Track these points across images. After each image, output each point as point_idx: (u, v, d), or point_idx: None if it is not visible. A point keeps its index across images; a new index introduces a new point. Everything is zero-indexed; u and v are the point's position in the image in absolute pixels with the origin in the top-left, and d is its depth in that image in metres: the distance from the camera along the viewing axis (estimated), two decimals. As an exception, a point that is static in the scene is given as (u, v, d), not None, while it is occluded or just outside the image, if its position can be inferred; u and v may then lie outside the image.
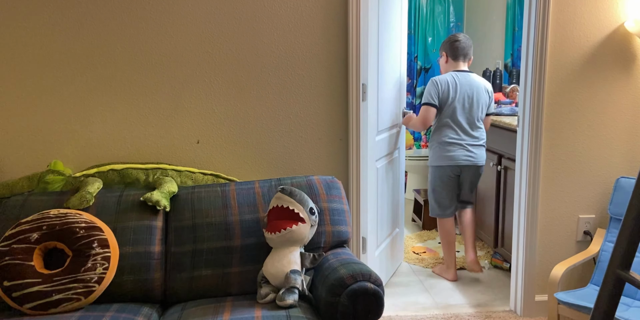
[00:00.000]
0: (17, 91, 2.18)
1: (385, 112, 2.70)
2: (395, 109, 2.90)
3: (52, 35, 2.17)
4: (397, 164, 2.95)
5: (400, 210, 3.05)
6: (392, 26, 2.72)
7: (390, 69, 2.75)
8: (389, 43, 2.67)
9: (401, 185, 3.02)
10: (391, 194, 2.84)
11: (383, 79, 2.62)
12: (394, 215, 2.92)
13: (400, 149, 3.01)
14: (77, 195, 1.95)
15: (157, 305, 1.90)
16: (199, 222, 1.97)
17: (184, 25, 2.22)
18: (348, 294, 1.67)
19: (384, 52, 2.63)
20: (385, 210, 2.75)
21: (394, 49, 2.79)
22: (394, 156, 2.88)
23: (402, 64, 2.96)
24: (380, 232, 2.67)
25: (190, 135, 2.30)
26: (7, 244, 1.77)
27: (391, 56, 2.74)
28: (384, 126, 2.69)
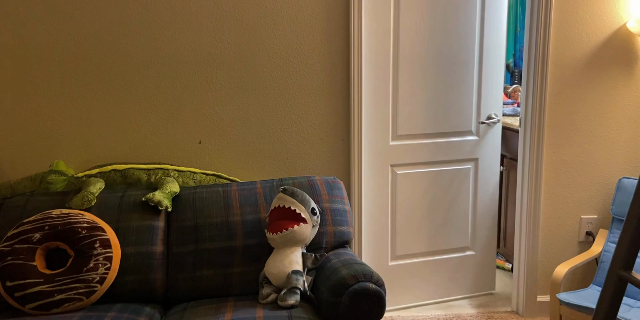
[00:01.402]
0: (19, 92, 2.18)
1: (415, 117, 2.49)
2: (453, 116, 2.57)
3: (54, 36, 2.17)
4: (463, 177, 2.63)
5: (466, 231, 2.69)
6: (437, 23, 2.46)
7: (432, 72, 2.49)
8: (425, 41, 2.46)
9: (467, 203, 2.67)
10: (436, 209, 2.60)
11: (409, 82, 2.46)
12: (439, 235, 2.63)
13: (485, 162, 2.67)
14: (79, 195, 1.95)
15: (159, 305, 1.90)
16: (201, 222, 1.97)
17: (187, 26, 2.22)
18: (349, 294, 1.67)
19: (414, 52, 2.44)
20: (416, 224, 2.58)
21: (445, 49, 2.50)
22: (451, 167, 2.59)
23: (473, 66, 2.57)
24: (404, 245, 2.57)
25: (192, 136, 2.30)
26: (9, 244, 1.78)
27: (432, 57, 2.49)
28: (410, 132, 2.49)
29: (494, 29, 2.56)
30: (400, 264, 2.59)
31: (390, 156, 2.50)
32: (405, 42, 2.42)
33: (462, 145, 2.60)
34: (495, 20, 2.56)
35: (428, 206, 2.58)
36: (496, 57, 2.60)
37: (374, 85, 2.42)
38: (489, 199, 2.71)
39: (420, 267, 2.61)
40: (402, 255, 2.59)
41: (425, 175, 2.56)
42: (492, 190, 2.71)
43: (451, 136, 2.57)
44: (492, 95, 2.62)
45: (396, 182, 2.52)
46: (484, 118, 2.62)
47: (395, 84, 2.45)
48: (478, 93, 2.59)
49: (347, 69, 2.34)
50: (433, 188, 2.58)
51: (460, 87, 2.54)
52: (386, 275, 2.56)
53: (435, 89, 2.50)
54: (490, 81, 2.60)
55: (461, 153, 2.60)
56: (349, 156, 2.40)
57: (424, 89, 2.48)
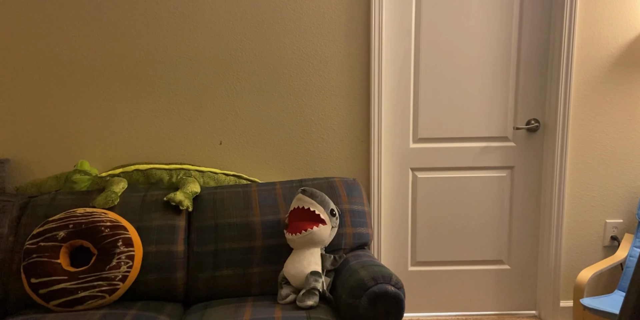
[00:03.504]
0: (45, 94, 2.24)
1: (438, 120, 2.43)
2: (481, 120, 2.46)
3: (79, 40, 2.22)
4: (497, 186, 2.49)
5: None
6: (457, 23, 2.39)
7: (458, 73, 2.42)
8: (450, 41, 2.39)
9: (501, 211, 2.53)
10: (463, 217, 2.51)
11: (431, 84, 2.41)
12: (467, 244, 2.54)
13: (524, 171, 2.48)
14: (102, 194, 1.98)
15: (179, 303, 1.92)
16: (221, 222, 1.99)
17: (208, 28, 2.25)
18: (368, 296, 1.67)
19: (437, 52, 2.39)
20: (439, 231, 2.52)
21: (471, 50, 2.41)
22: (481, 174, 2.47)
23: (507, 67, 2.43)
24: (426, 251, 2.52)
25: (213, 137, 2.32)
26: (35, 241, 1.82)
27: (458, 57, 2.41)
28: (432, 135, 2.44)
29: (536, 24, 2.38)
30: (421, 270, 2.55)
31: (410, 159, 2.47)
32: (428, 42, 2.39)
33: (495, 151, 2.47)
34: (537, 13, 2.37)
35: (454, 213, 2.51)
36: (538, 57, 2.40)
37: (394, 86, 2.41)
38: (531, 211, 2.51)
39: (443, 276, 2.56)
40: (423, 261, 2.54)
41: (450, 180, 2.49)
42: (533, 202, 2.51)
43: (480, 141, 2.46)
44: (533, 99, 2.43)
45: (417, 186, 2.49)
46: (522, 123, 2.45)
47: (417, 85, 2.43)
48: (515, 96, 2.43)
49: (367, 69, 2.33)
50: (460, 194, 2.49)
51: (492, 89, 2.43)
52: (406, 280, 2.54)
53: (461, 91, 2.42)
54: (530, 83, 2.42)
55: (494, 160, 2.47)
56: (368, 158, 2.39)
57: (448, 91, 2.43)
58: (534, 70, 2.42)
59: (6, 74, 2.21)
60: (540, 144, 2.48)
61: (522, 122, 2.46)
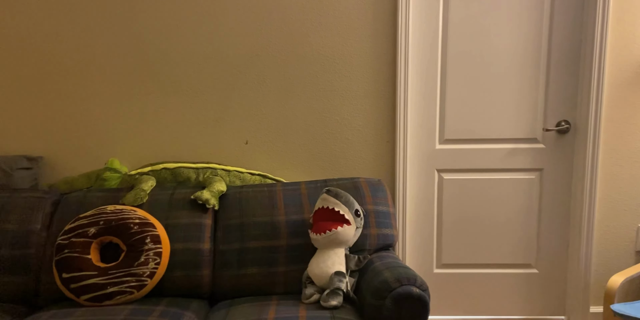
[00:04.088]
0: (78, 94, 2.29)
1: (464, 121, 2.40)
2: (509, 121, 2.40)
3: (110, 41, 2.27)
4: (525, 188, 2.44)
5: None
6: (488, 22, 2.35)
7: (486, 74, 2.38)
8: (476, 41, 2.35)
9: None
10: (490, 220, 2.47)
11: (458, 84, 2.38)
12: (494, 247, 2.50)
13: (553, 174, 2.43)
14: (132, 192, 2.02)
15: (205, 300, 1.95)
16: (247, 221, 2.01)
17: (235, 28, 2.27)
18: (393, 297, 1.66)
19: (464, 52, 2.36)
20: (466, 233, 2.48)
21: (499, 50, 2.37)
22: (509, 176, 2.42)
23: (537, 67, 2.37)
24: (452, 254, 2.50)
25: (239, 136, 2.35)
26: (67, 237, 1.86)
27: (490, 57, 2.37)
28: (459, 136, 2.41)
29: (567, 22, 2.32)
30: (447, 273, 2.52)
31: (436, 160, 2.45)
32: (455, 41, 2.36)
33: (524, 153, 2.42)
34: (569, 12, 2.31)
35: (481, 215, 2.47)
36: (569, 56, 2.34)
37: (421, 86, 2.39)
38: (560, 215, 2.46)
39: (469, 279, 2.52)
40: (449, 264, 2.52)
41: (477, 182, 2.45)
42: (563, 205, 2.45)
43: (508, 143, 2.42)
44: (565, 100, 2.37)
45: (442, 188, 2.47)
46: (552, 125, 2.39)
47: (444, 86, 2.40)
48: (545, 97, 2.37)
49: (393, 70, 2.32)
50: (486, 197, 2.46)
51: (521, 89, 2.38)
52: (431, 282, 2.52)
53: (490, 91, 2.39)
54: (561, 83, 2.36)
55: (522, 162, 2.43)
56: (394, 159, 2.38)
57: (475, 91, 2.39)
58: (564, 70, 2.37)
59: (41, 76, 2.28)
60: (570, 146, 2.42)
61: (552, 123, 2.41)
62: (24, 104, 2.29)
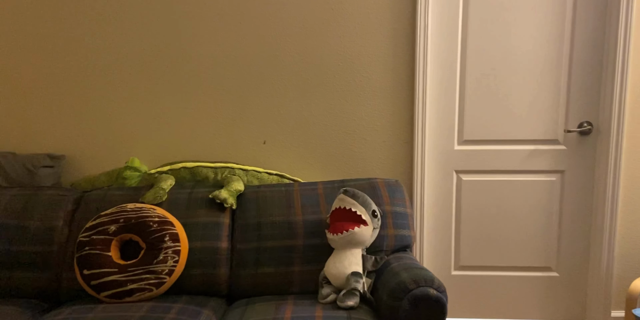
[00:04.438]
0: (99, 94, 2.33)
1: (484, 122, 2.38)
2: (531, 122, 2.37)
3: (131, 44, 2.30)
4: (545, 190, 2.41)
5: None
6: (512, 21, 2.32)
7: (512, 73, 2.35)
8: (499, 39, 2.33)
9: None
10: (509, 222, 2.44)
11: (478, 84, 2.36)
12: (513, 250, 2.46)
13: (575, 176, 2.39)
14: (151, 191, 2.05)
15: (222, 298, 1.96)
16: (264, 220, 2.02)
17: (253, 29, 2.29)
18: (410, 298, 1.65)
19: (484, 52, 2.33)
20: (484, 235, 2.46)
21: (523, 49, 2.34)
22: (529, 178, 2.40)
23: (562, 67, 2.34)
24: (470, 256, 2.47)
25: (257, 136, 2.36)
26: (88, 234, 1.90)
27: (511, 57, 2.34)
28: (478, 137, 2.39)
29: (590, 22, 2.28)
30: (465, 275, 2.50)
31: (455, 161, 2.43)
32: (475, 41, 2.34)
33: (545, 154, 2.39)
34: (591, 11, 2.27)
35: (499, 217, 2.45)
36: (592, 56, 2.30)
37: (439, 86, 2.38)
38: (582, 217, 2.42)
39: (488, 281, 2.49)
40: (467, 266, 2.49)
41: (496, 183, 2.43)
42: (585, 207, 2.41)
43: (529, 144, 2.39)
44: (587, 101, 2.33)
45: (461, 189, 2.45)
46: (573, 126, 2.35)
47: (462, 86, 2.38)
48: (567, 97, 2.34)
49: (412, 70, 2.31)
50: (505, 198, 2.43)
51: (542, 90, 2.35)
52: (448, 285, 2.50)
53: (510, 91, 2.36)
54: (583, 84, 2.32)
55: (543, 163, 2.39)
56: (412, 159, 2.37)
57: (495, 91, 2.37)
58: (587, 71, 2.33)
59: (64, 77, 2.32)
60: (592, 148, 2.38)
61: (573, 124, 2.37)
62: (48, 105, 2.33)
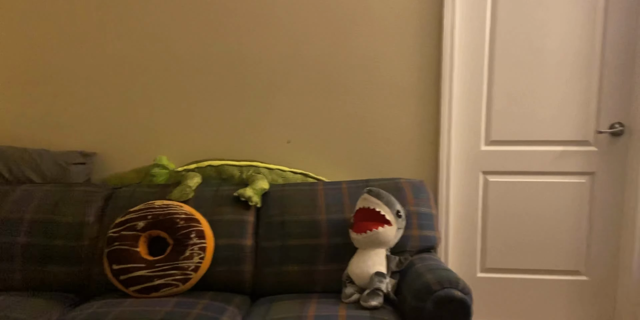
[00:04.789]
0: (129, 94, 2.38)
1: (512, 122, 2.34)
2: (560, 122, 2.32)
3: (161, 44, 2.34)
4: (575, 192, 2.36)
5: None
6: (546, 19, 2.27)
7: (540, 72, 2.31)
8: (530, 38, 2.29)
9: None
10: (537, 224, 2.40)
11: (506, 84, 2.32)
12: (542, 252, 2.42)
13: (605, 178, 2.34)
14: (178, 188, 2.09)
15: (247, 296, 1.98)
16: (288, 219, 2.03)
17: (276, 29, 2.30)
18: (434, 300, 1.64)
19: (513, 51, 2.29)
20: (511, 237, 2.42)
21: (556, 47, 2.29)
22: (558, 180, 2.35)
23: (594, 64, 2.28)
24: (496, 258, 2.44)
25: (281, 135, 2.38)
26: (117, 230, 1.94)
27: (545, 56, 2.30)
28: (506, 137, 2.35)
29: (622, 20, 2.21)
30: (491, 277, 2.46)
31: (481, 162, 2.40)
32: (503, 40, 2.30)
33: (575, 156, 2.33)
34: (624, 9, 2.21)
35: (527, 219, 2.40)
36: (624, 56, 2.24)
37: (466, 86, 2.35)
38: (612, 220, 2.36)
39: (514, 284, 2.45)
40: (494, 268, 2.45)
41: (524, 185, 2.38)
42: (615, 210, 2.35)
43: (558, 145, 2.33)
44: (619, 101, 2.27)
45: (488, 190, 2.41)
46: (605, 127, 2.30)
47: (490, 86, 2.35)
48: (598, 98, 2.28)
49: (438, 69, 2.29)
50: (533, 200, 2.38)
51: (572, 90, 2.30)
52: (474, 287, 2.46)
53: (539, 91, 2.31)
54: (615, 84, 2.27)
55: (573, 165, 2.34)
56: (437, 159, 2.35)
57: (524, 91, 2.33)
58: (619, 70, 2.27)
59: (96, 77, 2.38)
60: (624, 149, 2.32)
61: (605, 125, 2.32)
62: (81, 104, 2.39)
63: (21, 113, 2.41)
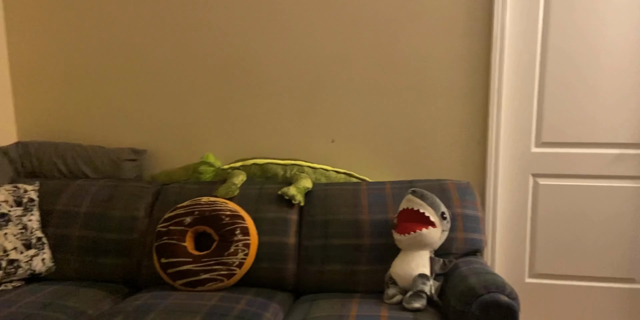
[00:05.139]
0: (178, 94, 2.45)
1: (565, 123, 2.26)
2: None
3: (209, 44, 2.40)
4: (635, 198, 2.25)
5: None
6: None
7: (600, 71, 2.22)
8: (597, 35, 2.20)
9: None
10: (591, 230, 2.31)
11: (558, 84, 2.24)
12: (595, 259, 2.33)
13: None
14: (224, 185, 2.13)
15: (288, 293, 2.00)
16: (330, 218, 2.03)
17: (324, 29, 2.31)
18: (479, 304, 1.60)
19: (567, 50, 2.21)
20: (563, 242, 2.34)
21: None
22: (617, 184, 2.26)
23: None
24: (546, 263, 2.36)
25: (325, 134, 2.38)
26: (166, 225, 2.00)
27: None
28: (559, 139, 2.27)
29: None
30: (540, 283, 2.38)
31: (531, 164, 2.32)
32: (557, 37, 2.21)
33: (633, 159, 2.22)
34: None
35: (579, 224, 2.31)
36: None
37: (516, 85, 2.28)
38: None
39: (565, 291, 2.36)
40: (543, 274, 2.37)
41: (577, 188, 2.29)
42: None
43: (614, 148, 2.24)
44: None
45: (538, 193, 2.33)
46: None
47: (542, 86, 2.27)
48: None
49: (487, 68, 2.23)
50: (587, 204, 2.29)
51: (631, 90, 2.19)
52: (521, 292, 2.39)
53: (594, 91, 2.22)
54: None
55: (631, 169, 2.23)
56: (484, 161, 2.29)
57: (578, 91, 2.23)
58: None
59: (148, 78, 2.46)
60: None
61: (669, 127, 2.20)
62: (133, 104, 2.49)
63: (79, 111, 2.52)
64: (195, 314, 1.66)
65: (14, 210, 2.03)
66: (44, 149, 2.38)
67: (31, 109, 2.54)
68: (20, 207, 2.06)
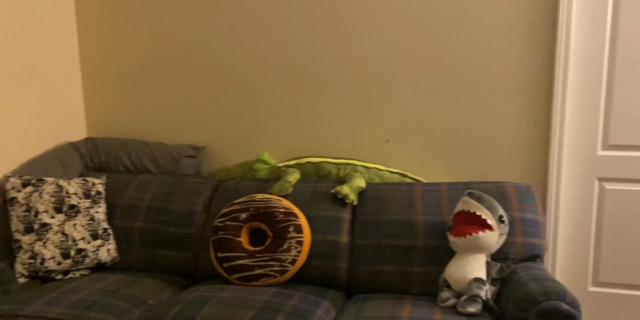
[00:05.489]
0: (236, 93, 2.51)
1: (636, 125, 2.15)
2: None
3: (267, 44, 2.44)
4: None
5: None
6: None
7: None
8: None
9: None
10: None
11: (629, 84, 2.14)
12: None
13: None
14: (278, 183, 2.16)
15: (340, 291, 2.01)
16: (383, 218, 2.02)
17: (380, 28, 2.29)
18: (538, 311, 1.54)
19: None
20: (631, 250, 2.23)
21: None
22: None
23: None
24: (612, 272, 2.25)
25: (379, 134, 2.37)
26: (222, 220, 2.06)
27: None
28: (629, 142, 2.17)
29: None
30: (604, 292, 2.26)
31: (597, 168, 2.21)
32: (627, 35, 2.10)
33: None
34: None
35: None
36: None
37: (582, 85, 2.18)
38: None
39: (631, 301, 2.24)
40: (608, 282, 2.26)
41: None
42: None
43: None
44: None
45: (604, 198, 2.21)
46: None
47: (610, 86, 2.15)
48: None
49: (550, 67, 2.14)
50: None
51: None
52: (584, 301, 2.27)
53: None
54: None
55: None
56: (546, 164, 2.20)
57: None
58: None
59: (207, 76, 2.54)
60: None
61: None
62: (193, 101, 2.57)
63: (143, 109, 2.64)
64: (250, 308, 1.70)
65: (82, 202, 2.16)
66: (111, 144, 2.51)
67: (99, 106, 2.68)
68: (88, 200, 2.18)
